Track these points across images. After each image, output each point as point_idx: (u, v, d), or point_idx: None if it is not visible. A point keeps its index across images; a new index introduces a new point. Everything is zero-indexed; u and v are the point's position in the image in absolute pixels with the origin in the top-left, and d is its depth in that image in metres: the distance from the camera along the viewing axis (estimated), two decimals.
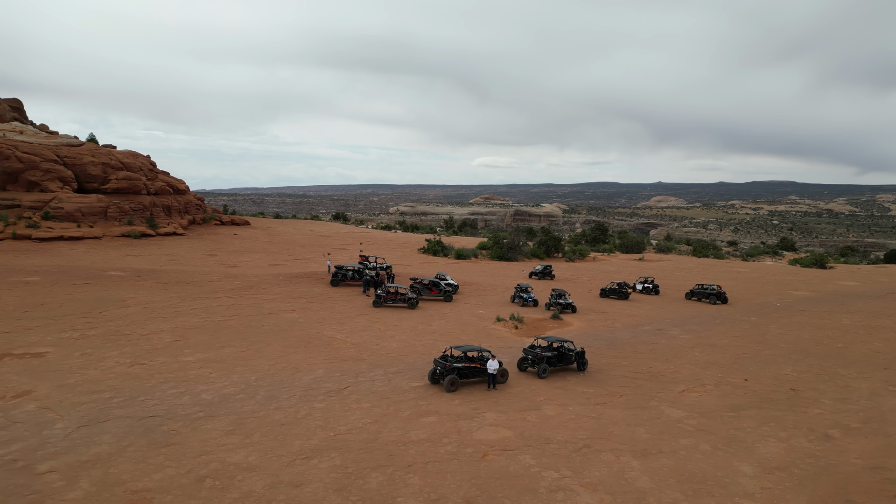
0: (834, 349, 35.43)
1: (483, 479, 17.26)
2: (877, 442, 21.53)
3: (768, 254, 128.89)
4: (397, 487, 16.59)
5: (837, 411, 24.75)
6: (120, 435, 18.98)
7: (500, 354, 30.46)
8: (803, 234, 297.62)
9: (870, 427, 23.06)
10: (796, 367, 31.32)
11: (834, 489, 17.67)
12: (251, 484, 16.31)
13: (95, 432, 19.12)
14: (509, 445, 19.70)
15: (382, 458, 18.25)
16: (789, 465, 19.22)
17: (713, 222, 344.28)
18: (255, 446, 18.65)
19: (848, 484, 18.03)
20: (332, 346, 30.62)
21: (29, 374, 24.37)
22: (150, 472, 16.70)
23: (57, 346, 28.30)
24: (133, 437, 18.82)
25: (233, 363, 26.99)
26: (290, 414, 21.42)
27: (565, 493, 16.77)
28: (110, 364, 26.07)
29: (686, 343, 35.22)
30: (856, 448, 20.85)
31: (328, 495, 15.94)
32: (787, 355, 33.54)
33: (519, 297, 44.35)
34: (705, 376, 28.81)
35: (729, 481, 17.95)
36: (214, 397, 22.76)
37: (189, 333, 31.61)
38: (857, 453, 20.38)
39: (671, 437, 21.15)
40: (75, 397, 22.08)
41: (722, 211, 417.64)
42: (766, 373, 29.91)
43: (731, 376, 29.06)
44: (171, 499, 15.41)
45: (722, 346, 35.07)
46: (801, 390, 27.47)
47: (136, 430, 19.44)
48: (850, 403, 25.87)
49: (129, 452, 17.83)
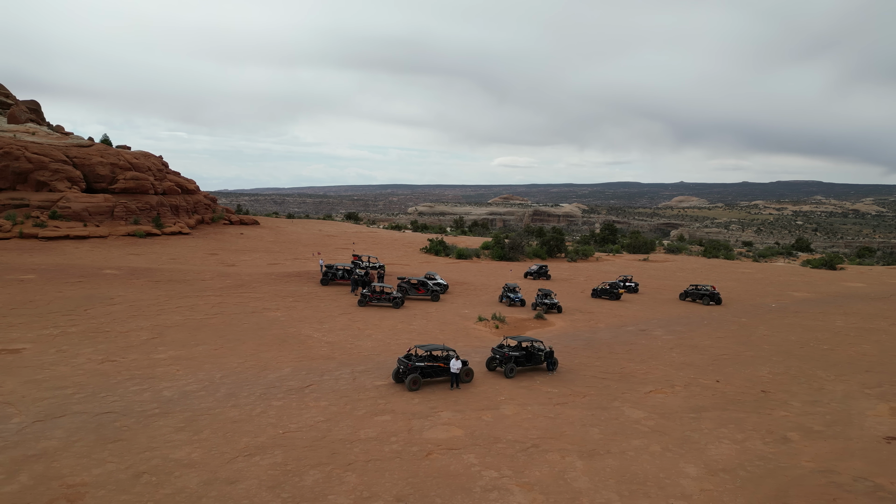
0: (818, 351, 34.90)
1: (420, 478, 17.33)
2: (835, 445, 21.22)
3: (782, 254, 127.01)
4: (332, 485, 16.73)
5: (804, 414, 24.42)
6: (71, 430, 19.35)
7: (475, 354, 30.51)
8: (828, 235, 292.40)
9: (833, 430, 22.73)
10: (774, 368, 30.92)
11: (774, 492, 17.48)
12: (187, 480, 16.56)
13: (49, 427, 19.52)
14: (456, 445, 19.75)
15: (325, 456, 18.40)
16: (736, 468, 19.04)
17: (735, 223, 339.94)
18: (201, 443, 18.91)
19: (790, 487, 17.82)
20: (307, 345, 30.88)
21: (1, 369, 24.92)
22: (91, 467, 17.02)
23: (35, 342, 28.90)
24: (84, 433, 19.19)
25: (202, 361, 27.35)
26: (246, 411, 21.67)
27: (499, 493, 16.78)
28: (82, 361, 26.57)
29: (666, 344, 34.94)
30: (811, 451, 20.58)
31: (260, 492, 16.13)
32: (768, 357, 33.12)
33: (506, 297, 44.32)
34: (677, 377, 28.57)
35: (670, 482, 17.84)
36: (175, 394, 23.09)
37: (168, 331, 32.07)
38: (810, 456, 20.11)
39: (623, 438, 21.04)
40: (39, 393, 22.54)
41: (745, 211, 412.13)
42: (740, 374, 29.57)
43: (704, 378, 28.79)
44: (104, 493, 15.70)
45: (703, 347, 34.73)
46: (772, 392, 27.14)
47: (88, 425, 19.81)
48: (819, 406, 25.50)
49: (77, 447, 18.18)
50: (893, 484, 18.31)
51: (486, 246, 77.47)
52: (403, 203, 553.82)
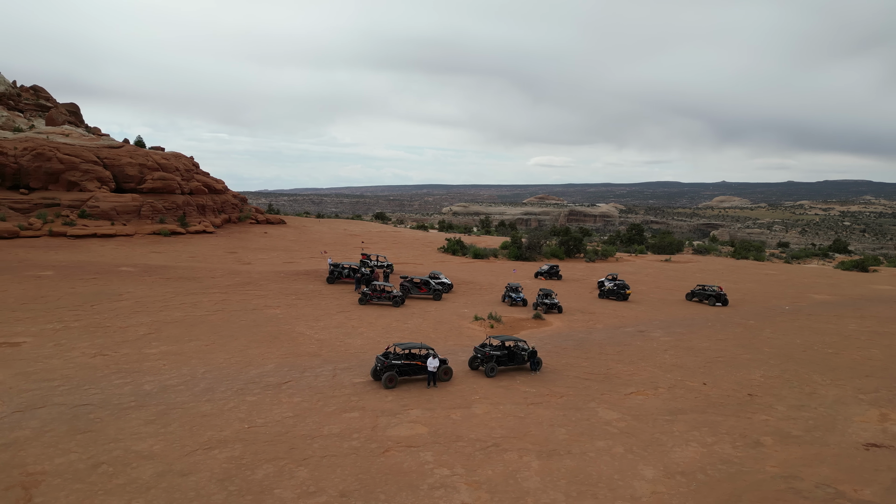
0: (822, 355, 33.98)
1: (371, 475, 17.54)
2: (808, 451, 20.73)
3: (818, 256, 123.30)
4: (282, 479, 17.06)
5: (786, 418, 23.87)
6: (46, 421, 20.10)
7: (463, 353, 30.58)
8: (877, 237, 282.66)
9: (811, 436, 22.19)
10: (769, 372, 30.25)
11: (727, 497, 17.19)
12: (142, 471, 17.07)
13: (26, 418, 20.31)
14: (416, 442, 19.89)
15: (282, 451, 18.74)
16: (696, 471, 18.77)
17: (779, 223, 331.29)
18: (166, 436, 19.45)
19: (745, 492, 17.50)
20: (297, 342, 31.36)
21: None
22: (55, 457, 17.67)
23: (36, 336, 30.02)
24: (57, 424, 19.91)
25: (190, 356, 28.04)
26: (218, 406, 22.18)
27: (446, 491, 16.89)
28: (75, 354, 27.50)
29: (662, 345, 34.43)
30: (780, 456, 20.15)
31: (209, 485, 16.54)
32: (766, 360, 32.38)
33: (508, 297, 44.20)
34: (663, 379, 28.18)
35: (622, 484, 17.70)
36: (155, 388, 23.75)
37: (165, 327, 32.94)
38: (777, 462, 19.70)
39: (589, 439, 20.90)
40: (26, 384, 23.44)
41: (789, 211, 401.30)
42: (731, 377, 29.01)
43: (692, 380, 28.34)
44: (60, 482, 16.31)
45: (700, 349, 34.13)
46: (760, 396, 26.58)
47: (64, 416, 20.54)
48: (805, 410, 24.89)
49: (47, 437, 18.89)
50: (856, 492, 17.84)
51: (505, 246, 77.26)
52: (439, 203, 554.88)
